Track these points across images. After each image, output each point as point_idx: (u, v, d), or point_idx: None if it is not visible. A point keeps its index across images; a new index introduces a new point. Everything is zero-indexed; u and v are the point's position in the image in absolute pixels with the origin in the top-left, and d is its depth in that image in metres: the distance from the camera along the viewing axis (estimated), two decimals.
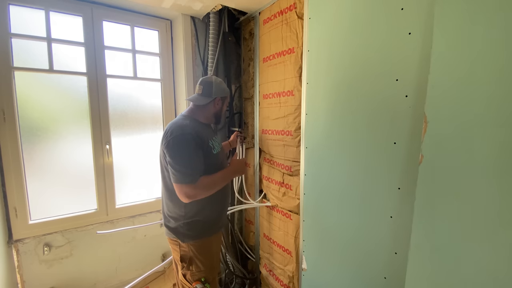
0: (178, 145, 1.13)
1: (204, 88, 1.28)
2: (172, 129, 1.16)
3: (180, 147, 1.13)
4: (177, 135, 1.14)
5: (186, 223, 1.24)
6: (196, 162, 1.16)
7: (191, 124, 1.21)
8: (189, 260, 1.26)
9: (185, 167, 1.12)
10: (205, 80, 1.31)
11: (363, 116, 1.05)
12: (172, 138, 1.13)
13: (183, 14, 1.85)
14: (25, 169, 1.57)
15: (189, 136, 1.15)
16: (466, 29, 0.66)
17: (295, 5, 1.40)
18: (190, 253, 1.26)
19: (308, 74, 1.31)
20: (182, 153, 1.13)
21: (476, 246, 0.66)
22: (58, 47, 1.61)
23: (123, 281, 1.89)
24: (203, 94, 1.28)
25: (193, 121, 1.25)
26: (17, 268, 1.54)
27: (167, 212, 1.30)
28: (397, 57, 0.92)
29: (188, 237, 1.25)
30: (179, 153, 1.13)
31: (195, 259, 1.26)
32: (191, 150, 1.14)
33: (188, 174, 1.12)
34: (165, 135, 1.18)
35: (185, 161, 1.13)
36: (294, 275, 1.55)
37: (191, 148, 1.14)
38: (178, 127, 1.17)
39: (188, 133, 1.15)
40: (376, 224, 1.03)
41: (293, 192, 1.53)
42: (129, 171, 1.94)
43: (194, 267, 1.27)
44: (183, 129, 1.16)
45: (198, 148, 1.17)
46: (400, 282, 0.95)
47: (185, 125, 1.19)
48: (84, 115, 1.72)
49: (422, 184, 0.76)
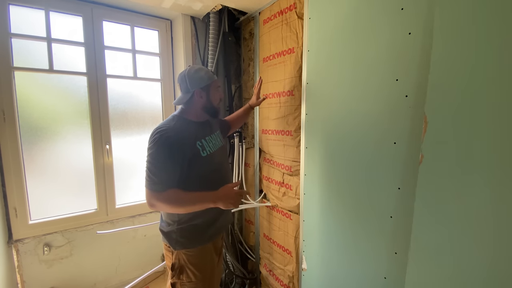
0: (154, 148, 1.05)
1: (180, 84, 1.18)
2: (154, 131, 1.08)
3: (156, 151, 1.05)
4: (156, 137, 1.05)
5: (180, 228, 1.14)
6: (167, 171, 1.05)
7: (176, 126, 1.11)
8: (179, 269, 1.16)
9: (154, 173, 1.04)
10: (180, 75, 1.19)
11: (363, 116, 1.05)
12: (152, 140, 1.06)
13: (183, 14, 1.85)
14: (25, 169, 1.57)
15: (168, 141, 1.05)
16: (466, 29, 0.66)
17: (295, 5, 1.40)
18: (181, 261, 1.15)
19: (308, 74, 1.31)
20: (156, 158, 1.04)
21: (476, 246, 0.66)
22: (58, 47, 1.61)
23: (123, 281, 1.89)
24: (182, 91, 1.19)
25: (182, 121, 1.15)
26: (17, 268, 1.54)
27: (162, 216, 1.22)
28: (397, 57, 0.92)
29: (181, 245, 1.14)
30: (153, 157, 1.05)
31: (187, 269, 1.15)
32: (166, 157, 1.05)
33: (156, 182, 1.04)
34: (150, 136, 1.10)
35: (156, 167, 1.04)
36: (294, 275, 1.55)
37: (166, 155, 1.05)
38: (160, 130, 1.07)
39: (167, 137, 1.05)
40: (376, 224, 1.03)
41: (293, 192, 1.53)
42: (129, 171, 1.94)
43: (185, 277, 1.15)
44: (165, 131, 1.06)
45: (176, 155, 1.06)
46: (400, 282, 0.95)
47: (168, 127, 1.09)
48: (84, 115, 1.72)
49: (422, 184, 0.76)
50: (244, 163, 1.96)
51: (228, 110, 1.99)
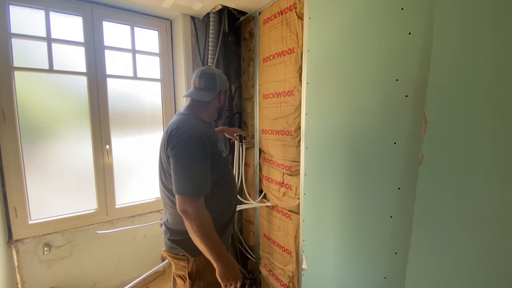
0: (186, 149, 0.97)
1: (206, 81, 1.12)
2: (179, 131, 1.00)
3: (189, 153, 0.98)
4: (185, 137, 0.98)
5: None
6: (204, 174, 1.00)
7: (199, 125, 1.06)
8: (198, 275, 1.11)
9: (190, 176, 0.97)
10: (205, 72, 1.13)
11: (363, 116, 1.05)
12: (179, 141, 0.98)
13: (183, 14, 1.85)
14: (25, 169, 1.57)
15: (199, 140, 0.99)
16: (466, 29, 0.66)
17: (295, 5, 1.40)
18: (200, 267, 1.10)
19: (308, 74, 1.31)
20: (190, 160, 0.98)
21: (476, 246, 0.66)
22: (58, 47, 1.61)
23: (123, 281, 1.89)
24: (205, 89, 1.12)
25: (199, 121, 1.11)
26: (17, 268, 1.54)
27: (172, 223, 1.12)
28: (397, 57, 0.92)
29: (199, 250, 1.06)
30: (187, 160, 0.97)
31: (205, 273, 1.11)
32: (201, 158, 0.99)
33: (193, 186, 0.97)
34: (170, 136, 1.01)
35: (193, 168, 0.98)
36: (294, 275, 1.55)
37: (201, 155, 0.99)
38: (187, 129, 1.01)
39: (198, 137, 1.00)
40: (376, 224, 1.03)
41: (293, 192, 1.53)
42: (129, 171, 1.94)
43: (203, 282, 1.11)
44: (192, 131, 1.00)
45: (208, 156, 1.02)
46: (400, 282, 0.95)
47: (193, 126, 1.03)
48: (84, 115, 1.72)
49: (422, 184, 0.76)
50: (244, 163, 1.96)
51: (228, 110, 2.00)
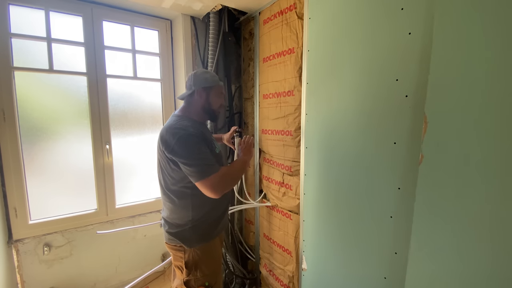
0: (185, 144, 1.08)
1: (186, 82, 1.27)
2: (173, 132, 1.11)
3: (189, 145, 1.09)
4: (181, 135, 1.09)
5: (194, 226, 1.19)
6: (209, 154, 1.12)
7: (190, 124, 1.17)
8: (194, 265, 1.22)
9: (201, 160, 1.08)
10: (188, 74, 1.28)
11: (363, 116, 1.05)
12: (177, 140, 1.08)
13: (183, 14, 1.85)
14: (25, 169, 1.57)
15: (193, 133, 1.12)
16: (466, 29, 0.66)
17: (295, 5, 1.40)
18: (196, 257, 1.21)
19: (308, 74, 1.31)
20: (192, 149, 1.08)
21: (476, 246, 0.66)
22: (58, 47, 1.61)
23: (123, 281, 1.89)
24: (186, 88, 1.27)
25: (190, 121, 1.21)
26: (17, 268, 1.54)
27: (169, 217, 1.23)
28: (397, 57, 0.92)
29: (196, 241, 1.20)
30: (189, 151, 1.08)
31: (201, 264, 1.22)
32: (200, 145, 1.11)
33: (208, 166, 1.08)
34: (166, 140, 1.11)
35: (200, 155, 1.08)
36: (294, 275, 1.55)
37: (200, 143, 1.11)
38: (179, 129, 1.12)
39: (190, 132, 1.11)
40: (376, 224, 1.03)
41: (293, 192, 1.53)
42: (129, 171, 1.94)
43: (199, 272, 1.22)
44: (185, 129, 1.12)
45: (203, 143, 1.13)
46: (400, 282, 0.95)
47: (185, 125, 1.14)
48: (84, 115, 1.72)
49: (422, 184, 0.76)
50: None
51: (228, 110, 2.00)
